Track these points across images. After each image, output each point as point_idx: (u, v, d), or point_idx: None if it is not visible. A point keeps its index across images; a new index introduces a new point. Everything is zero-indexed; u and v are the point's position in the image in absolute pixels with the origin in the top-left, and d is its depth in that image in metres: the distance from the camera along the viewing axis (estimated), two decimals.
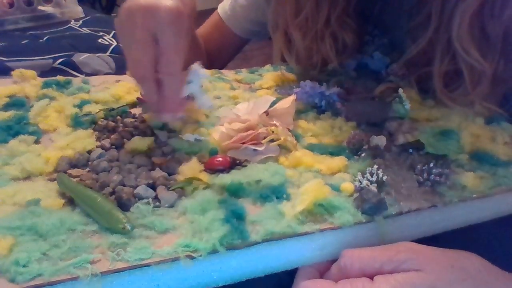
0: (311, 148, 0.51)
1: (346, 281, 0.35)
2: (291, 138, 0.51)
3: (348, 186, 0.43)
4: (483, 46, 0.54)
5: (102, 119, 0.55)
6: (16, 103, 0.58)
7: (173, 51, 0.45)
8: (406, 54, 0.63)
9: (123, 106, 0.59)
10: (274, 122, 0.52)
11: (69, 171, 0.45)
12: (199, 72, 0.51)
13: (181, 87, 0.49)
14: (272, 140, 0.50)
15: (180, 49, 0.46)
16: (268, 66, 0.77)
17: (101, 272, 0.33)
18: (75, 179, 0.44)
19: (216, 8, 0.89)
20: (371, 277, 0.35)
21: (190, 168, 0.46)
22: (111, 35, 1.12)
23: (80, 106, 0.58)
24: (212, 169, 0.46)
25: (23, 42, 1.03)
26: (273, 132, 0.50)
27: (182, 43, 0.46)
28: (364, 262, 0.36)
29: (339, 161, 0.48)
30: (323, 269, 0.39)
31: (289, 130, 0.53)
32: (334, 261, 0.38)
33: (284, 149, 0.50)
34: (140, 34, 0.44)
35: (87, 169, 0.46)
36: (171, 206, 0.41)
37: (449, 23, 0.54)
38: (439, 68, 0.58)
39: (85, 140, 0.50)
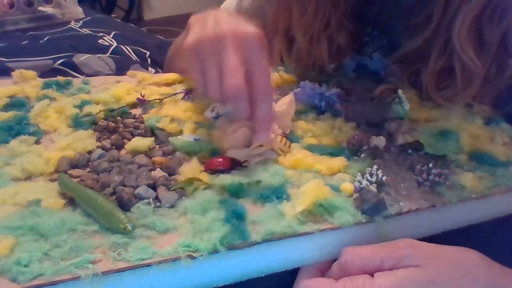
0: (311, 148, 0.51)
1: (347, 279, 0.36)
2: (278, 144, 0.50)
3: (348, 186, 0.43)
4: (478, 50, 0.56)
5: (102, 120, 0.55)
6: (16, 103, 0.58)
7: (264, 73, 0.47)
8: (400, 50, 0.64)
9: (123, 106, 0.59)
10: None
11: (69, 172, 0.45)
12: None
13: (272, 107, 0.49)
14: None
15: (269, 71, 0.48)
16: None
17: (102, 272, 0.33)
18: (75, 180, 0.44)
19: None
20: (371, 274, 0.35)
21: (191, 169, 0.46)
22: (111, 36, 1.12)
23: (80, 106, 0.58)
24: (213, 170, 0.46)
25: (23, 42, 1.03)
26: None
27: (268, 66, 0.49)
28: (364, 259, 0.36)
29: (339, 161, 0.48)
30: (325, 269, 0.39)
31: (286, 133, 0.53)
32: (335, 260, 0.38)
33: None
34: (233, 59, 0.45)
35: (88, 169, 0.46)
36: (172, 206, 0.41)
37: (451, 22, 0.55)
38: (433, 66, 0.59)
39: (86, 140, 0.51)
